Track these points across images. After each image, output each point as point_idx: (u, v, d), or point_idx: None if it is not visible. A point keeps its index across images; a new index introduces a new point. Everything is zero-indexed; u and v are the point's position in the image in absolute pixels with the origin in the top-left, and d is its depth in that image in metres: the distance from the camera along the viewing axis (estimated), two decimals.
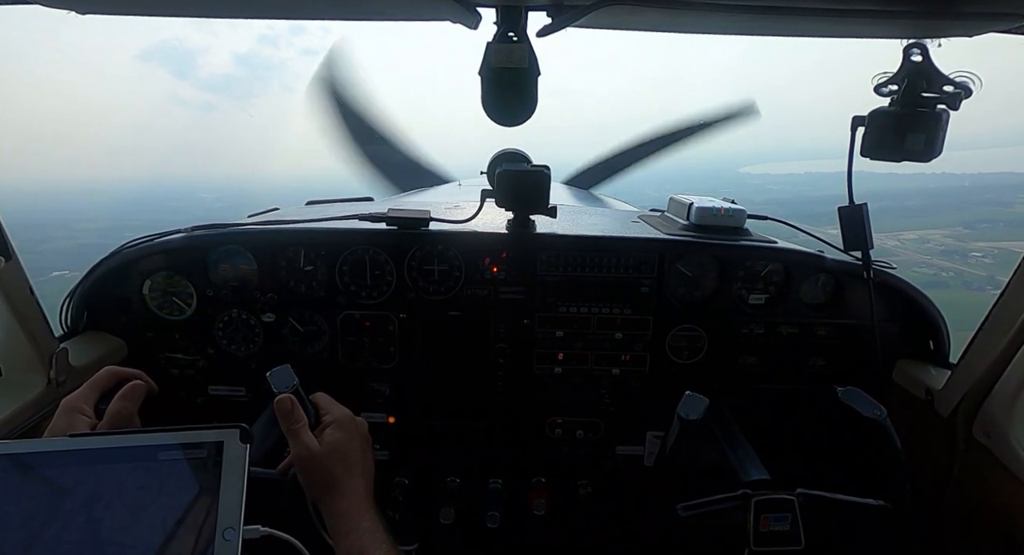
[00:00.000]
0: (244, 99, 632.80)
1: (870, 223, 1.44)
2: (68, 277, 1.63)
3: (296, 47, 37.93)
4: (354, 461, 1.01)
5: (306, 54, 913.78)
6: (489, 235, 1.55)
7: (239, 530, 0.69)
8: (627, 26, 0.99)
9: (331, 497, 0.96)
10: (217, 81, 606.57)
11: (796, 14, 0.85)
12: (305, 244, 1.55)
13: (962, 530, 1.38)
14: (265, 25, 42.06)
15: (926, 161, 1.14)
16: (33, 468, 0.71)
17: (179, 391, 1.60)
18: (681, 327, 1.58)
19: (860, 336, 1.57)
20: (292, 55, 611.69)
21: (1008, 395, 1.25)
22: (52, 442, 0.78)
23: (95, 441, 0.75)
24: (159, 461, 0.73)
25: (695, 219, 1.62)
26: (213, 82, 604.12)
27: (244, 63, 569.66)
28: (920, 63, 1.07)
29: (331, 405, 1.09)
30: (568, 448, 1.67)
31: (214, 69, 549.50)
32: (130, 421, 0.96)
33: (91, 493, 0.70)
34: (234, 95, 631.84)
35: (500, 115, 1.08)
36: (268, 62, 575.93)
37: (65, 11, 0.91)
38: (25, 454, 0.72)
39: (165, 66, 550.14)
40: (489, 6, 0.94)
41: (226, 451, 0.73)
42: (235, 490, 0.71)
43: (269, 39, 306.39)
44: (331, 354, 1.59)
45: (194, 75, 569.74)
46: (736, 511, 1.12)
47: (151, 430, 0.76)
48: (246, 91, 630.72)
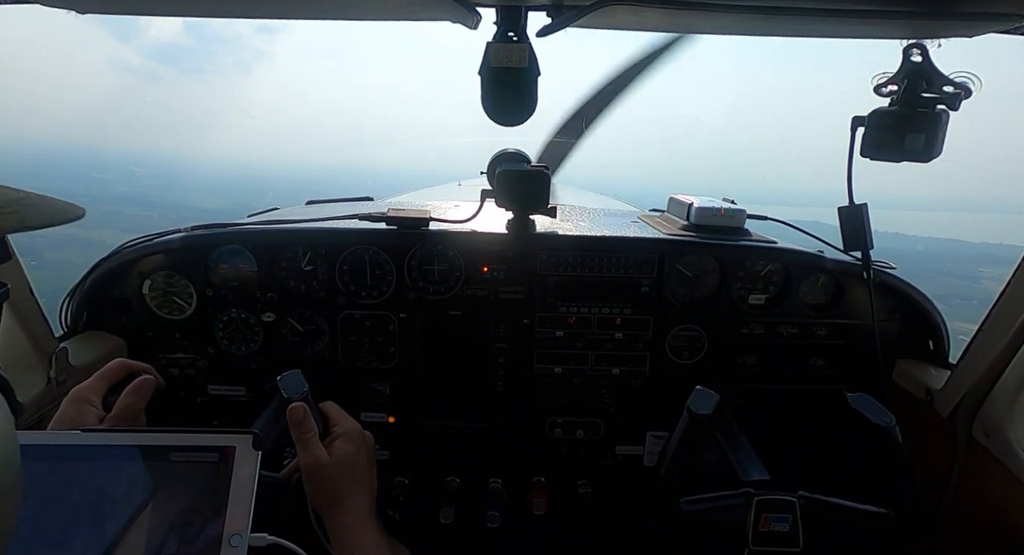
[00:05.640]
0: (193, 73, 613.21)
1: (870, 223, 1.44)
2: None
3: (253, 22, 36.18)
4: (361, 476, 1.01)
5: (263, 31, 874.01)
6: (489, 235, 1.55)
7: (246, 537, 0.69)
8: (627, 26, 0.99)
9: (336, 510, 0.96)
10: (165, 50, 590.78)
11: (796, 14, 0.85)
12: (305, 244, 1.54)
13: (961, 530, 1.38)
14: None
15: (926, 161, 1.14)
16: (43, 461, 0.71)
17: (179, 391, 1.60)
18: (681, 327, 1.58)
19: (860, 336, 1.57)
20: (247, 31, 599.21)
21: (1008, 395, 1.25)
22: (63, 435, 0.77)
23: (108, 438, 0.75)
24: (170, 462, 0.72)
25: (695, 219, 1.62)
26: (161, 51, 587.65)
27: (193, 32, 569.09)
28: (920, 63, 1.07)
29: (340, 416, 1.10)
30: (568, 448, 1.67)
31: (161, 35, 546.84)
32: (138, 416, 0.96)
33: (99, 489, 0.70)
34: (183, 68, 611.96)
35: (500, 115, 1.08)
36: (221, 35, 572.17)
37: (65, 11, 0.91)
38: (36, 446, 0.72)
39: (105, 26, 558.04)
40: (489, 6, 0.94)
41: (237, 456, 0.73)
42: (244, 497, 0.71)
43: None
44: (331, 354, 1.59)
45: (138, 39, 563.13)
46: (737, 509, 1.12)
47: (163, 430, 0.76)
48: (196, 65, 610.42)
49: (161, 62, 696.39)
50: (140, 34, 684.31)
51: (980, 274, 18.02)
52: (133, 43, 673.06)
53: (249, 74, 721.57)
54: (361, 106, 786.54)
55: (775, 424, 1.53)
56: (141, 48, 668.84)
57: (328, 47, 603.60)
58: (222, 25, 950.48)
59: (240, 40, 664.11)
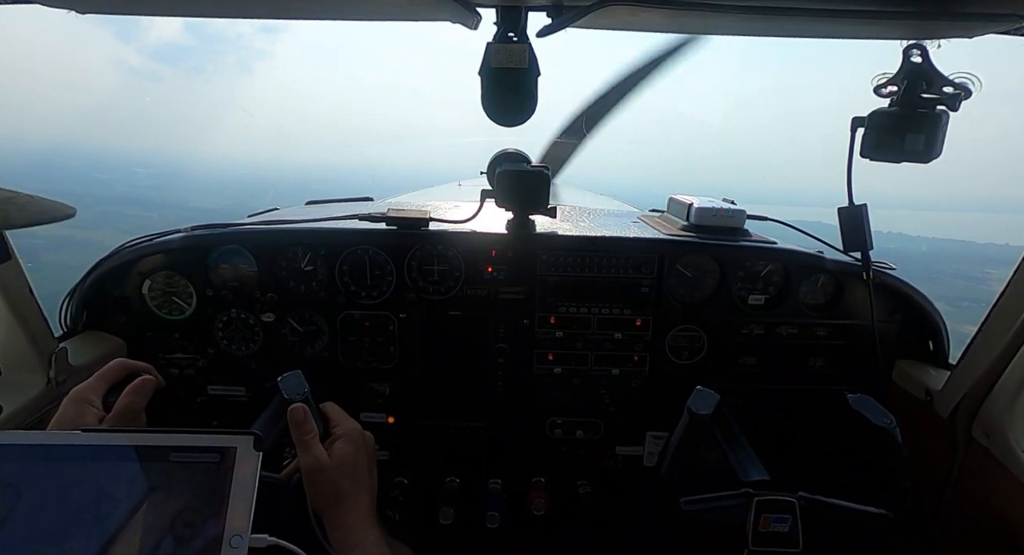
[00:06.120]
0: (195, 73, 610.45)
1: (870, 224, 1.44)
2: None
3: (254, 22, 36.09)
4: (361, 476, 1.01)
5: (265, 31, 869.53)
6: (489, 235, 1.55)
7: (246, 538, 0.69)
8: (627, 26, 0.99)
9: (337, 510, 0.96)
10: (166, 49, 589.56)
11: (796, 14, 0.85)
12: (305, 244, 1.54)
13: (961, 531, 1.38)
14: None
15: (926, 162, 1.14)
16: (43, 461, 0.71)
17: (179, 391, 1.60)
18: (681, 327, 1.58)
19: (860, 337, 1.57)
20: (249, 30, 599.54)
21: (1008, 395, 1.25)
22: (63, 435, 0.77)
23: (108, 438, 0.75)
24: (170, 462, 0.72)
25: (695, 219, 1.62)
26: (161, 50, 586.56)
27: (195, 32, 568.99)
28: (920, 64, 1.07)
29: (341, 417, 1.10)
30: (568, 448, 1.67)
31: (162, 34, 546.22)
32: (138, 416, 0.96)
33: (99, 490, 0.70)
34: (184, 68, 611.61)
35: (500, 115, 1.08)
36: (222, 35, 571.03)
37: (65, 11, 0.91)
38: (36, 446, 0.72)
39: (105, 26, 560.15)
40: (489, 6, 0.94)
41: (238, 457, 0.73)
42: (245, 498, 0.71)
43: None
44: (331, 354, 1.59)
45: (139, 39, 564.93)
46: (737, 509, 1.12)
47: (164, 430, 0.76)
48: (197, 65, 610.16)
49: (162, 62, 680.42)
50: (141, 34, 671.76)
51: (988, 276, 17.81)
52: (134, 44, 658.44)
53: (251, 74, 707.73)
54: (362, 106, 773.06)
55: (775, 424, 1.53)
56: (142, 48, 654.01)
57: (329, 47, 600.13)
58: (224, 25, 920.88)
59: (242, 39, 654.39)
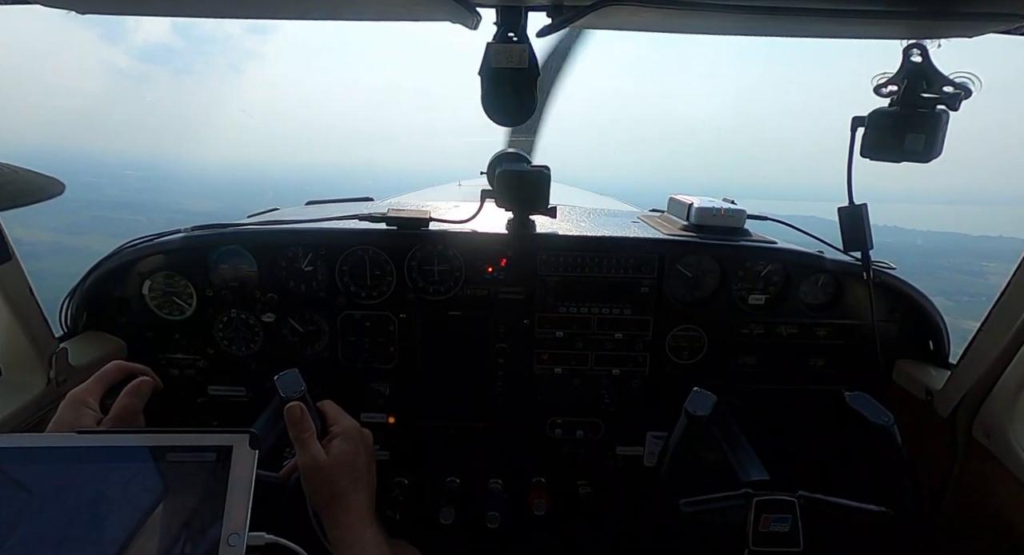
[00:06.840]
0: (184, 74, 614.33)
1: (870, 223, 1.44)
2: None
3: (242, 23, 34.88)
4: (360, 474, 1.01)
5: (253, 31, 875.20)
6: (489, 235, 1.55)
7: (244, 536, 0.69)
8: (627, 26, 0.99)
9: (335, 508, 0.95)
10: (154, 51, 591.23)
11: (796, 14, 0.85)
12: (305, 244, 1.54)
13: (961, 530, 1.38)
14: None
15: (926, 161, 1.14)
16: (40, 463, 0.71)
17: (179, 391, 1.60)
18: (681, 327, 1.58)
19: (860, 336, 1.57)
20: (238, 31, 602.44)
21: (1008, 395, 1.25)
22: (59, 438, 0.77)
23: (103, 439, 0.75)
24: (167, 462, 0.72)
25: (695, 219, 1.62)
26: (149, 51, 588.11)
27: (183, 33, 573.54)
28: (920, 64, 1.07)
29: (339, 415, 1.09)
30: (568, 448, 1.67)
31: (149, 36, 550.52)
32: (136, 418, 0.96)
33: (96, 491, 0.70)
34: (173, 69, 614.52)
35: (500, 115, 1.09)
36: (211, 35, 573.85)
37: (65, 11, 0.91)
38: (32, 448, 0.72)
39: (92, 27, 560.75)
40: (489, 6, 0.94)
41: (234, 456, 0.73)
42: (242, 496, 0.71)
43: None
44: (331, 354, 1.59)
45: (126, 41, 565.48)
46: (737, 509, 1.13)
47: (159, 430, 0.76)
48: (186, 65, 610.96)
49: (151, 64, 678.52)
50: (128, 36, 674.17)
51: (985, 269, 17.76)
52: (121, 45, 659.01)
53: (242, 75, 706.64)
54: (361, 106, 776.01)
55: (775, 424, 1.53)
56: (129, 50, 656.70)
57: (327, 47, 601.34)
58: (213, 26, 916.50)
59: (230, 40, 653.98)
